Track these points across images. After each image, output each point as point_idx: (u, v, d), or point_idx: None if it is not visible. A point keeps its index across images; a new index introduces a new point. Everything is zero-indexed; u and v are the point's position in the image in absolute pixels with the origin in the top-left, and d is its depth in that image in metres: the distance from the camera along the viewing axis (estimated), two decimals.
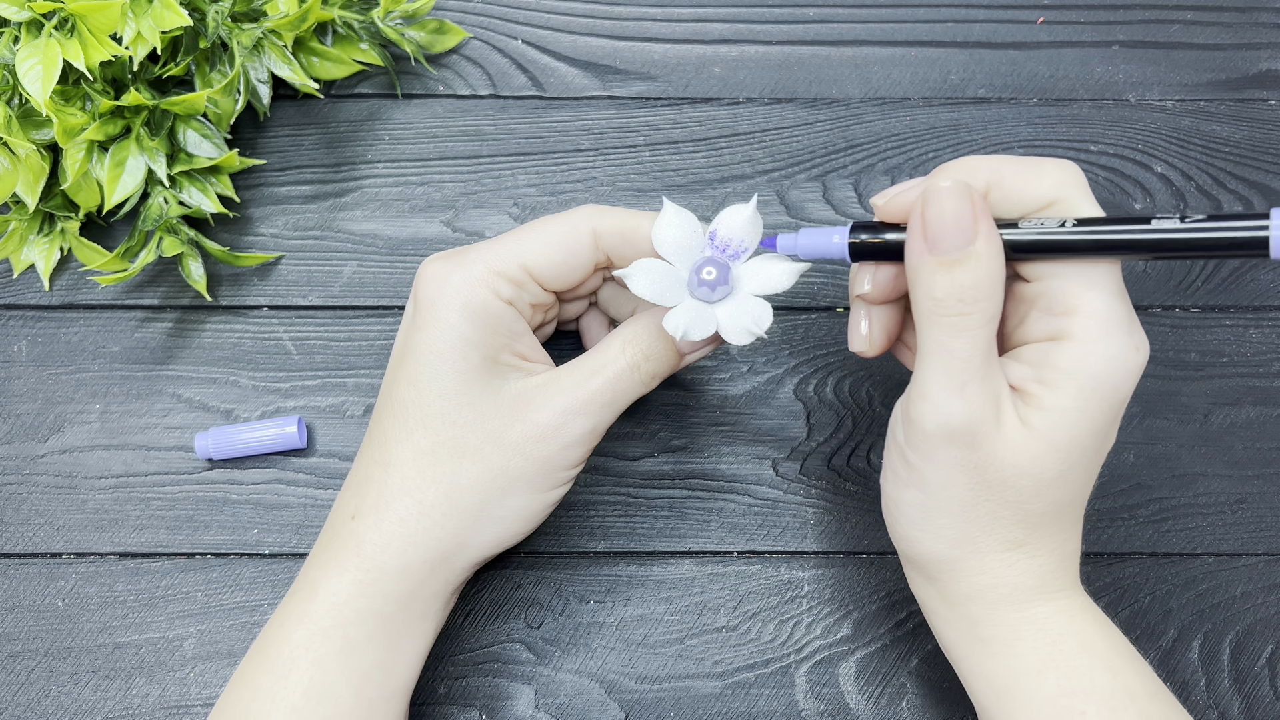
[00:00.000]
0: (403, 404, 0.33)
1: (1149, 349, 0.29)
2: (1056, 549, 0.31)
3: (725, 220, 0.34)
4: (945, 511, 0.31)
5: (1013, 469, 0.29)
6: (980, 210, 0.28)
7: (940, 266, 0.28)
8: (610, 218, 0.34)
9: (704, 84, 0.46)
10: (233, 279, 0.43)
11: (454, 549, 0.33)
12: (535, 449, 0.33)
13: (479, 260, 0.33)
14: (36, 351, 0.42)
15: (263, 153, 0.45)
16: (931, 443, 0.30)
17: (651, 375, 0.34)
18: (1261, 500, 0.41)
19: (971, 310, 0.28)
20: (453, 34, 0.45)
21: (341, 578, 0.32)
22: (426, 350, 0.33)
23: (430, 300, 0.33)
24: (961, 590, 0.32)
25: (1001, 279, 0.28)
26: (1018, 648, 0.31)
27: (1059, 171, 0.29)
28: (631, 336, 0.34)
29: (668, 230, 0.33)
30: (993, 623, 0.32)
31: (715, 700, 0.39)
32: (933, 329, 0.28)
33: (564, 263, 0.33)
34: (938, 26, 0.47)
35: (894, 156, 0.45)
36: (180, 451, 0.41)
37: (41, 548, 0.41)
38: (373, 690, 0.32)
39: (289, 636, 0.32)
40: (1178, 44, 0.46)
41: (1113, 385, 0.28)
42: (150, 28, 0.38)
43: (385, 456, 0.33)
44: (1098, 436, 0.29)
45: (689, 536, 0.41)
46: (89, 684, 0.39)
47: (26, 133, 0.39)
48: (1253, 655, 0.40)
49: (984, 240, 0.27)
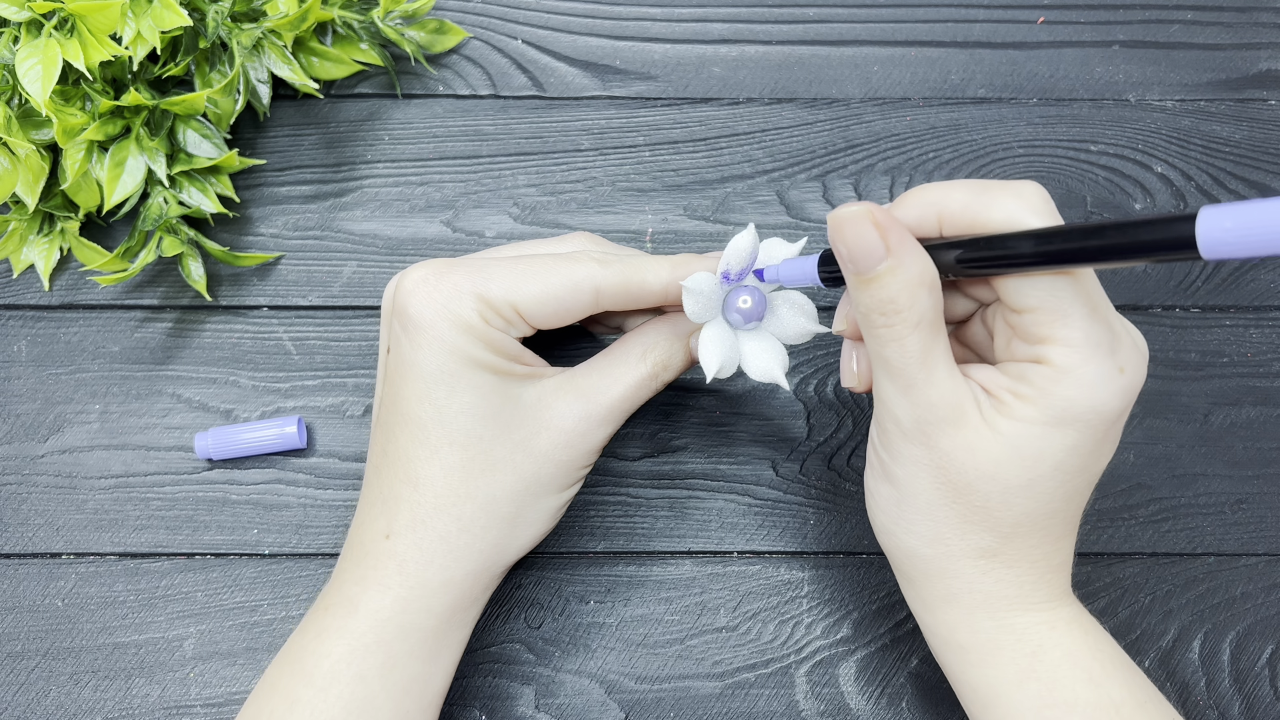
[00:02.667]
0: (420, 423, 0.33)
1: (1141, 364, 0.29)
2: (1038, 561, 0.31)
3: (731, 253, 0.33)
4: (914, 508, 0.31)
5: (974, 471, 0.29)
6: (889, 229, 0.28)
7: (860, 284, 0.29)
8: (612, 274, 0.33)
9: (704, 84, 0.46)
10: (232, 279, 0.43)
11: (494, 558, 0.34)
12: (563, 455, 0.34)
13: (470, 291, 0.32)
14: (36, 351, 0.42)
15: (262, 153, 0.45)
16: (891, 438, 0.31)
17: (665, 382, 0.35)
18: (1262, 500, 0.41)
19: (893, 322, 0.28)
20: (453, 34, 0.45)
21: (384, 595, 0.32)
22: (436, 370, 0.32)
23: (425, 322, 0.32)
24: (938, 593, 0.32)
25: (921, 290, 0.28)
26: (997, 657, 0.31)
27: (1011, 201, 0.28)
28: (651, 345, 0.35)
29: (694, 305, 0.33)
30: (970, 629, 0.32)
31: (715, 701, 0.39)
32: (869, 340, 0.30)
33: (557, 314, 0.33)
34: (938, 26, 0.47)
35: (894, 156, 0.45)
36: (180, 451, 0.41)
37: (41, 548, 0.41)
38: (411, 703, 0.33)
39: (329, 651, 0.32)
40: (1178, 44, 0.46)
41: (1091, 408, 0.28)
42: (150, 28, 0.38)
43: (412, 475, 0.33)
44: (1075, 454, 0.29)
45: (689, 536, 0.41)
46: (89, 684, 0.39)
47: (26, 133, 0.39)
48: (1253, 655, 0.40)
49: (895, 257, 0.28)
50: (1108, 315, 0.28)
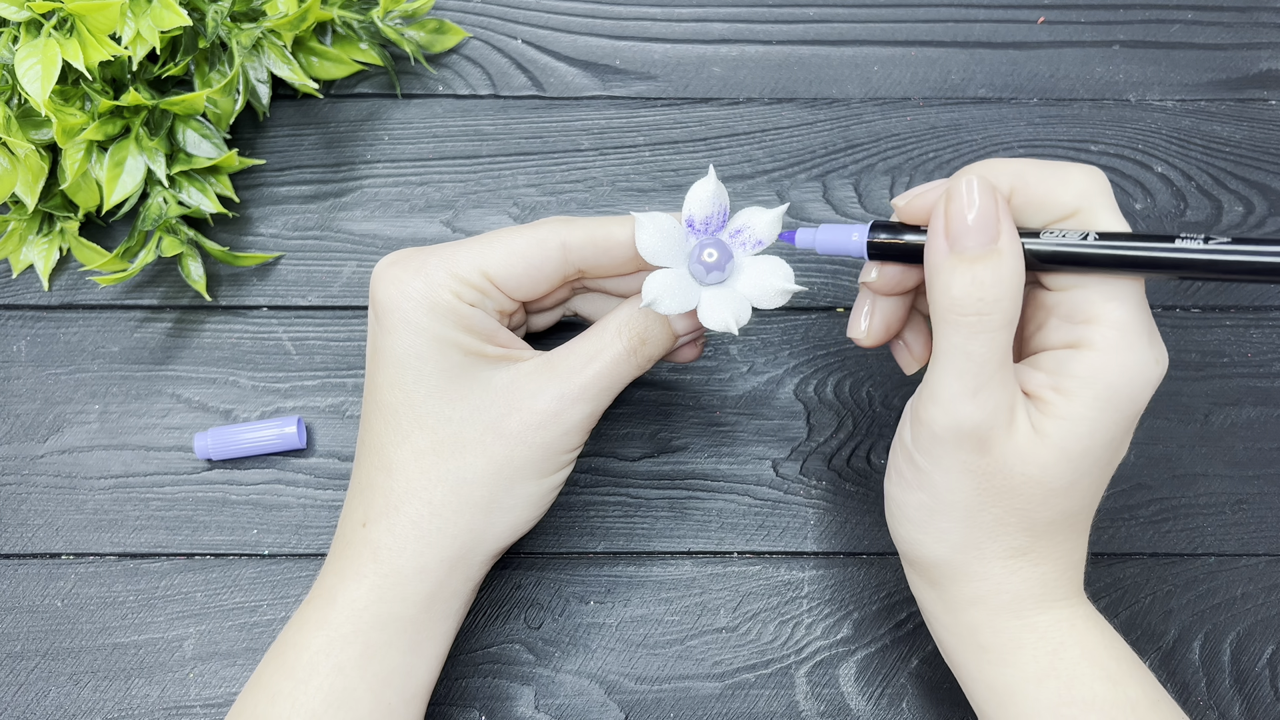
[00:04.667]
0: (391, 408, 0.33)
1: (1168, 361, 0.29)
2: (1061, 558, 0.31)
3: (691, 200, 0.33)
4: (949, 516, 0.31)
5: (1022, 476, 0.29)
6: (1003, 210, 0.27)
7: (961, 264, 0.27)
8: (579, 229, 0.33)
9: (704, 84, 0.46)
10: (232, 279, 0.43)
11: (470, 544, 0.33)
12: (536, 436, 0.33)
13: (439, 266, 0.32)
14: (36, 351, 0.42)
15: (262, 153, 0.45)
16: (941, 446, 0.29)
17: (648, 358, 0.34)
18: (1262, 500, 0.41)
19: (990, 311, 0.27)
20: (452, 34, 0.45)
21: (360, 584, 0.32)
22: (403, 353, 0.32)
23: (392, 305, 0.32)
24: (963, 596, 0.32)
25: (1021, 282, 0.28)
26: (1018, 656, 0.31)
27: (1084, 179, 0.28)
28: (627, 320, 0.34)
29: (648, 239, 0.32)
30: (993, 630, 0.31)
31: (715, 701, 0.39)
32: (950, 331, 0.28)
33: (527, 274, 0.33)
34: (938, 26, 0.46)
35: (894, 156, 0.45)
36: (180, 452, 0.41)
37: (41, 548, 0.41)
38: (392, 695, 0.32)
39: (308, 643, 0.32)
40: (1178, 44, 0.46)
41: (1129, 396, 0.28)
42: (149, 28, 0.38)
43: (385, 461, 0.33)
44: (1110, 447, 0.29)
45: (689, 536, 0.41)
46: (88, 685, 0.39)
47: (26, 133, 0.39)
48: (1253, 656, 0.40)
49: (1006, 239, 0.27)
50: (1146, 305, 0.28)
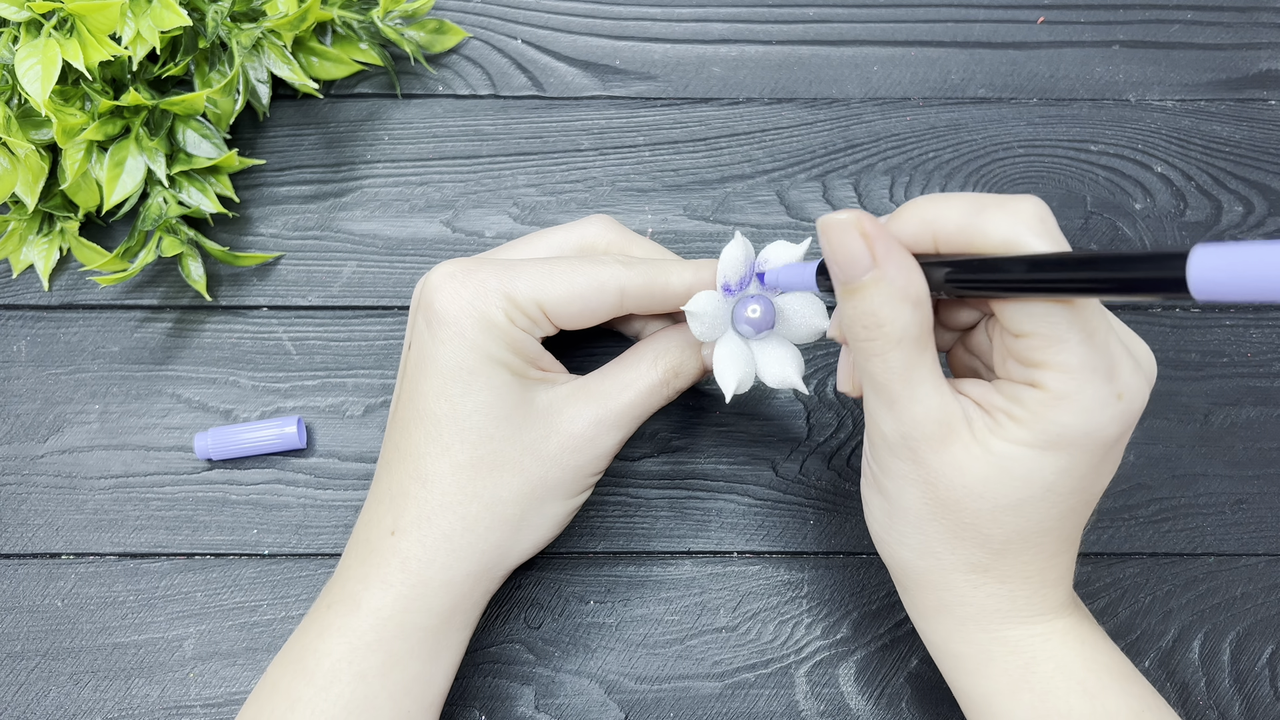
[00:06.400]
0: (435, 418, 0.33)
1: (1144, 388, 0.28)
2: (1032, 577, 0.31)
3: (725, 265, 0.33)
4: (904, 520, 0.31)
5: (962, 489, 0.29)
6: (876, 239, 0.27)
7: (844, 293, 0.28)
8: (637, 276, 0.34)
9: (704, 84, 0.46)
10: (232, 279, 0.43)
11: (496, 560, 0.34)
12: (572, 459, 0.34)
13: (498, 289, 0.33)
14: (36, 351, 0.42)
15: (262, 153, 0.45)
16: (879, 452, 0.30)
17: (677, 390, 0.35)
18: (1262, 500, 0.41)
19: (875, 335, 0.28)
20: (452, 34, 0.45)
21: (385, 592, 0.32)
22: (455, 366, 0.33)
23: (450, 317, 0.33)
24: (931, 604, 0.32)
25: (904, 305, 0.27)
26: (989, 668, 0.31)
27: (1008, 219, 0.27)
28: (663, 351, 0.35)
29: (702, 328, 0.33)
30: (963, 639, 0.32)
31: (715, 701, 0.39)
32: (854, 353, 0.29)
33: (582, 314, 0.34)
34: (938, 26, 0.46)
35: (894, 156, 0.45)
36: (180, 452, 0.41)
37: (41, 548, 0.41)
38: (411, 703, 0.33)
39: (330, 649, 0.32)
40: (1178, 44, 0.46)
41: (1085, 433, 0.28)
42: (149, 28, 0.38)
43: (421, 472, 0.33)
44: (1068, 476, 0.29)
45: (689, 537, 0.41)
46: (88, 684, 0.39)
47: (26, 133, 0.39)
48: (1253, 656, 0.40)
49: (879, 269, 0.27)
50: (1106, 340, 0.27)
